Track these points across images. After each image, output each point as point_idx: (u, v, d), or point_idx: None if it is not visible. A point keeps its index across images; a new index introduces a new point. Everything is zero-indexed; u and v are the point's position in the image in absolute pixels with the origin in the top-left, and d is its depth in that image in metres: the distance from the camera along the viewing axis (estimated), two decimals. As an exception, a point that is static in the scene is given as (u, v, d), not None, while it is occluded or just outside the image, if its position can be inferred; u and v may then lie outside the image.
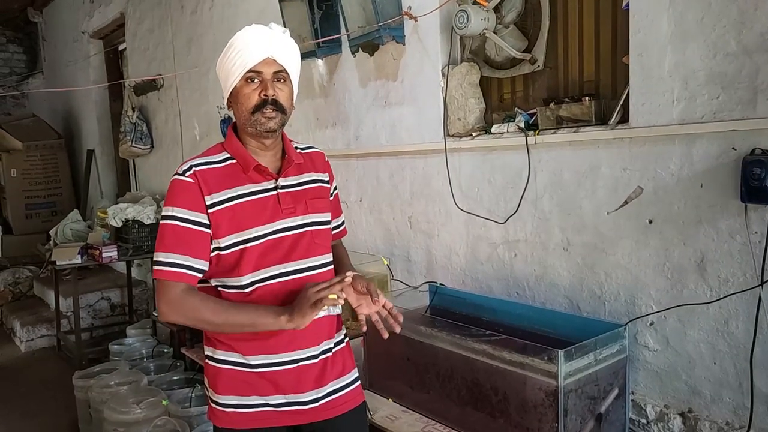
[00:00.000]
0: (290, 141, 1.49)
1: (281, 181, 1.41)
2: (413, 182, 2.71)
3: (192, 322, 1.34)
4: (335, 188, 1.59)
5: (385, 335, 1.44)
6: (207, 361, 1.46)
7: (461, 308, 2.34)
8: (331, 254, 1.49)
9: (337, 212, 1.60)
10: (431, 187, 2.61)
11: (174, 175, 1.37)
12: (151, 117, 5.14)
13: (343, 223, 1.65)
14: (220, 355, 1.42)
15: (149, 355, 3.58)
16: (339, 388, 1.46)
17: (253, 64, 1.33)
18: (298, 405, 1.41)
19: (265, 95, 1.34)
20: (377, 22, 2.52)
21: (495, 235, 2.35)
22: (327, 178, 1.53)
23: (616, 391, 1.84)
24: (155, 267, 1.33)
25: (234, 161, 1.40)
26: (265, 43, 1.33)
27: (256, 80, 1.35)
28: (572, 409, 1.69)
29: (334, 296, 1.27)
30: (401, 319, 1.44)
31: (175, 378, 3.12)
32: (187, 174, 1.36)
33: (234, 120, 1.44)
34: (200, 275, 1.35)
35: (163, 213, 1.36)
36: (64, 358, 4.43)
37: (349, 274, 1.31)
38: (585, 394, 1.75)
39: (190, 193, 1.34)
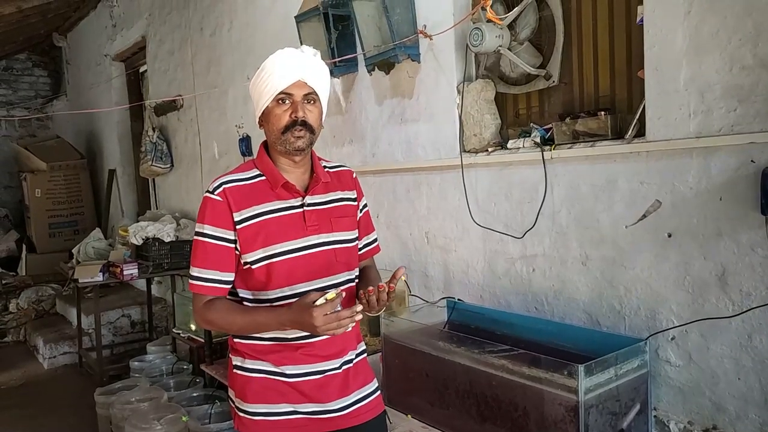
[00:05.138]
0: (319, 159, 1.52)
1: (308, 199, 1.44)
2: (430, 198, 2.72)
3: (214, 327, 1.48)
4: (365, 205, 1.59)
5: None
6: (235, 370, 1.49)
7: (479, 323, 2.33)
8: (355, 271, 1.51)
9: (367, 229, 1.60)
10: (448, 203, 2.62)
11: (205, 192, 1.44)
12: (171, 136, 5.24)
13: (375, 240, 1.63)
14: (250, 364, 1.45)
15: (169, 371, 3.60)
16: (363, 396, 1.50)
17: (284, 86, 1.38)
18: (327, 413, 1.44)
19: (295, 116, 1.39)
20: (393, 41, 2.56)
21: (512, 250, 2.35)
22: (354, 196, 1.54)
23: (637, 407, 1.82)
24: (189, 280, 1.44)
25: (263, 178, 1.45)
26: (296, 66, 1.38)
27: (287, 102, 1.40)
28: (593, 425, 1.68)
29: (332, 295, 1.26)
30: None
31: (194, 394, 3.13)
32: (217, 192, 1.42)
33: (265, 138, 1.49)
34: (228, 286, 1.44)
35: (196, 229, 1.44)
36: (85, 375, 4.47)
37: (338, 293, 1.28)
38: (606, 409, 1.73)
39: (218, 211, 1.41)
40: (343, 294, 1.30)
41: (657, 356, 1.90)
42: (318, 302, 1.25)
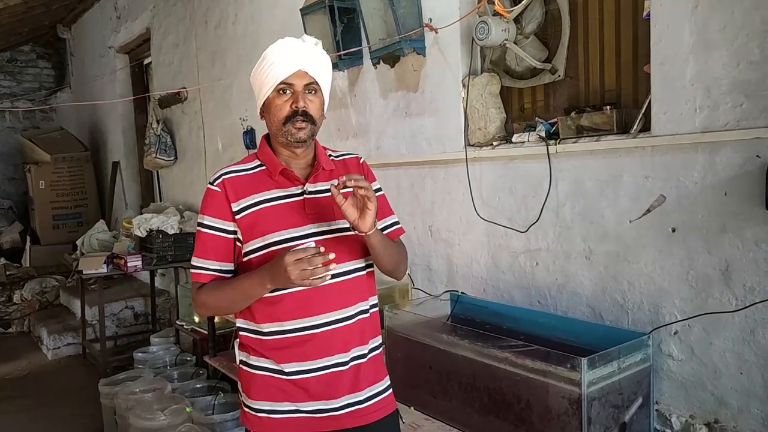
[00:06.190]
0: (324, 149, 1.51)
1: (308, 187, 1.43)
2: (434, 192, 2.73)
3: (210, 309, 1.48)
4: (378, 189, 1.52)
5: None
6: (241, 366, 1.49)
7: (483, 317, 2.34)
8: (362, 259, 1.46)
9: (383, 212, 1.52)
10: (452, 197, 2.63)
11: (207, 184, 1.45)
12: (175, 129, 5.25)
13: (395, 223, 1.56)
14: (254, 361, 1.44)
15: (173, 363, 3.62)
16: (373, 395, 1.45)
17: (284, 76, 1.36)
18: (331, 411, 1.41)
19: (296, 107, 1.37)
20: (398, 35, 2.56)
21: (516, 244, 2.36)
22: None
23: (640, 401, 1.83)
24: (190, 270, 1.45)
25: (264, 168, 1.45)
26: (296, 56, 1.37)
27: (287, 92, 1.38)
28: (596, 418, 1.69)
29: (311, 244, 1.26)
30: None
31: (198, 386, 3.15)
32: (216, 183, 1.43)
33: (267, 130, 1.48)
34: (228, 276, 1.43)
35: (197, 220, 1.45)
36: (89, 366, 4.50)
37: (321, 248, 1.26)
38: (609, 402, 1.74)
39: (217, 202, 1.42)
40: (322, 249, 1.25)
41: (659, 350, 1.91)
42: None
